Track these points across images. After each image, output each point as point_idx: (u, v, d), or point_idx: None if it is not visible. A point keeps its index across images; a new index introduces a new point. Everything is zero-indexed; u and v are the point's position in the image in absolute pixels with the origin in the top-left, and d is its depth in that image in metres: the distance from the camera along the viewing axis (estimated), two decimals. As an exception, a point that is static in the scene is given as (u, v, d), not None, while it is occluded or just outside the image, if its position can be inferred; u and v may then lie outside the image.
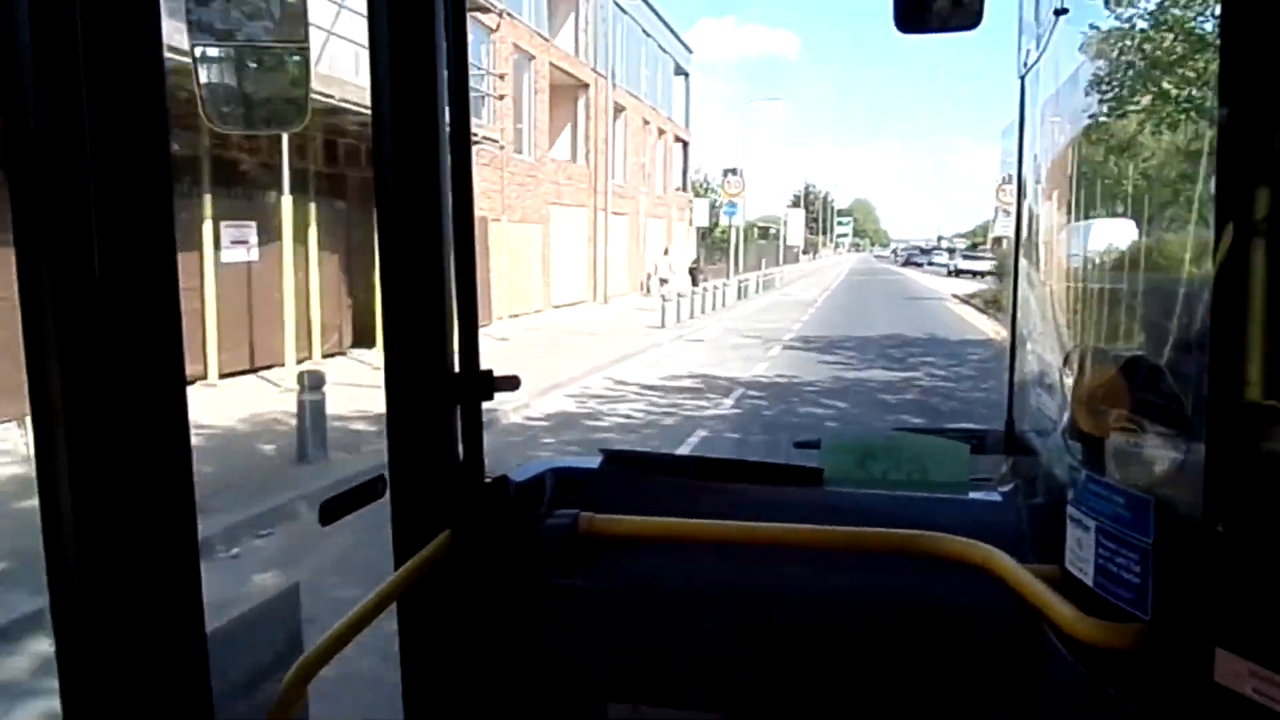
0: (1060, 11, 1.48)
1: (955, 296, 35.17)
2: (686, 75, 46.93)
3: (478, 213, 1.64)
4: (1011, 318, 1.94)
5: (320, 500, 1.48)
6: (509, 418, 10.59)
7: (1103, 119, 1.62)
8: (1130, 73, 1.55)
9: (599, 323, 23.71)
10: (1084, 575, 1.32)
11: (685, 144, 47.50)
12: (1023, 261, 1.93)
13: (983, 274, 50.31)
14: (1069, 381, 1.41)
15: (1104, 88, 1.57)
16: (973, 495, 1.87)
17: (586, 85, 30.26)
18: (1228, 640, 1.05)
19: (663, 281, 29.14)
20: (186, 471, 0.97)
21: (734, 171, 44.65)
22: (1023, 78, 1.80)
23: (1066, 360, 1.44)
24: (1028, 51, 1.74)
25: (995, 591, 1.52)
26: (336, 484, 1.56)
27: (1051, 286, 1.79)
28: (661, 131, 41.48)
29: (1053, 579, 1.39)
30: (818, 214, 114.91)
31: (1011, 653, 1.56)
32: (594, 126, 30.96)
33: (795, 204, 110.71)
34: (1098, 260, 1.59)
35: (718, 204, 48.11)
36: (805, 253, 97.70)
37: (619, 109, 33.37)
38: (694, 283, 32.21)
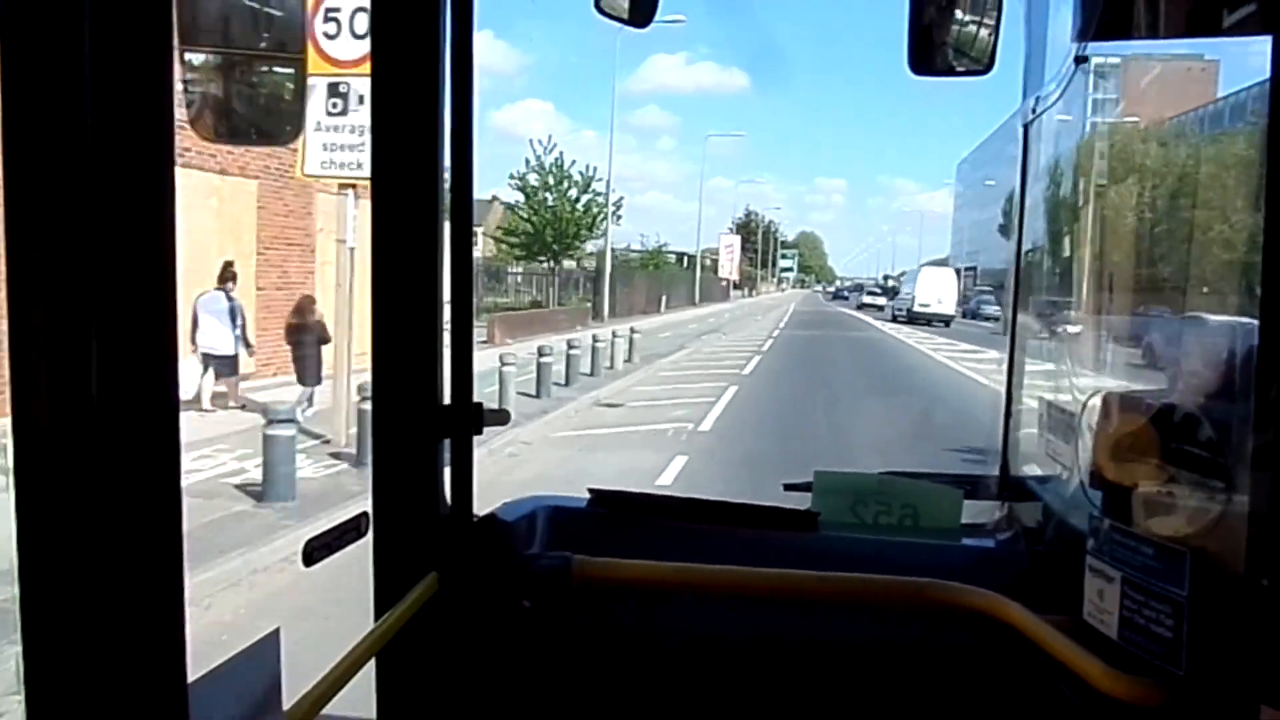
0: (1081, 59, 1.48)
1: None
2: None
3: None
4: (1009, 362, 1.93)
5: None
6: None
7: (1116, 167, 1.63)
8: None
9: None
10: (1105, 627, 1.29)
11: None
12: (1028, 305, 1.93)
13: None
14: (1089, 428, 1.40)
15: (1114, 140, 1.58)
16: (967, 541, 1.85)
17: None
18: (1275, 697, 1.03)
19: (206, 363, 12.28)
20: (176, 507, 0.88)
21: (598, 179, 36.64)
22: (1027, 125, 1.81)
23: (1085, 406, 1.42)
24: (1035, 99, 1.76)
25: (999, 641, 1.49)
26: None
27: (1066, 330, 1.79)
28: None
29: (1067, 629, 1.36)
30: (759, 246, 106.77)
31: (1020, 706, 1.52)
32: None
33: (734, 232, 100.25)
34: (1121, 303, 1.59)
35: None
36: (739, 288, 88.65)
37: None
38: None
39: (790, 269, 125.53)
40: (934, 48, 1.60)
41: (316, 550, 1.42)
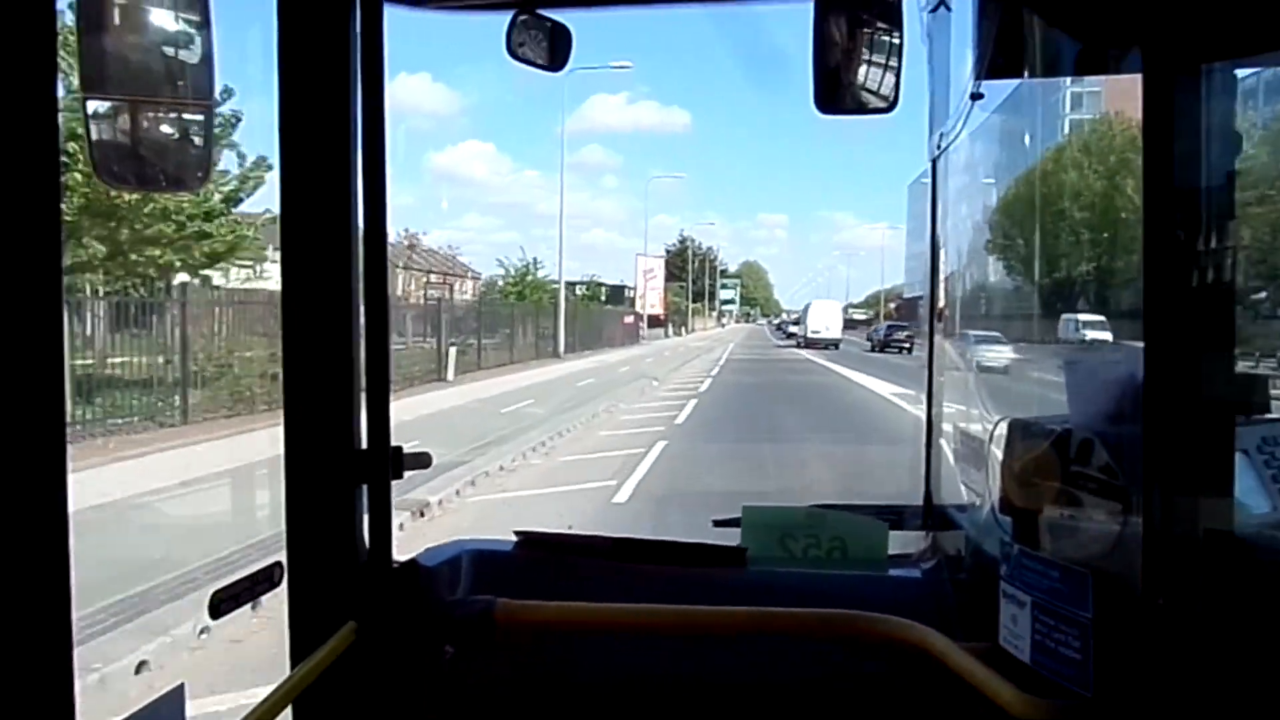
0: (976, 96, 1.53)
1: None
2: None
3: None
4: (928, 392, 1.96)
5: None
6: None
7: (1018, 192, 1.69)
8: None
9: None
10: (1019, 652, 1.30)
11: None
12: (939, 336, 1.97)
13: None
14: (997, 455, 1.42)
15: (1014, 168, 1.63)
16: (893, 572, 1.86)
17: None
18: (1176, 714, 1.05)
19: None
20: (63, 555, 0.84)
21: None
22: (934, 160, 1.86)
23: (993, 434, 1.45)
24: (940, 135, 1.81)
25: (926, 670, 1.49)
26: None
27: (975, 359, 1.83)
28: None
29: (985, 656, 1.37)
30: (698, 275, 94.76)
31: None
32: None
33: (669, 259, 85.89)
34: (1019, 334, 1.63)
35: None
36: (661, 324, 71.51)
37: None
38: None
39: (732, 301, 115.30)
40: (840, 88, 1.64)
41: (224, 602, 1.38)
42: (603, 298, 67.47)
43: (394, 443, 1.59)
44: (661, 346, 53.71)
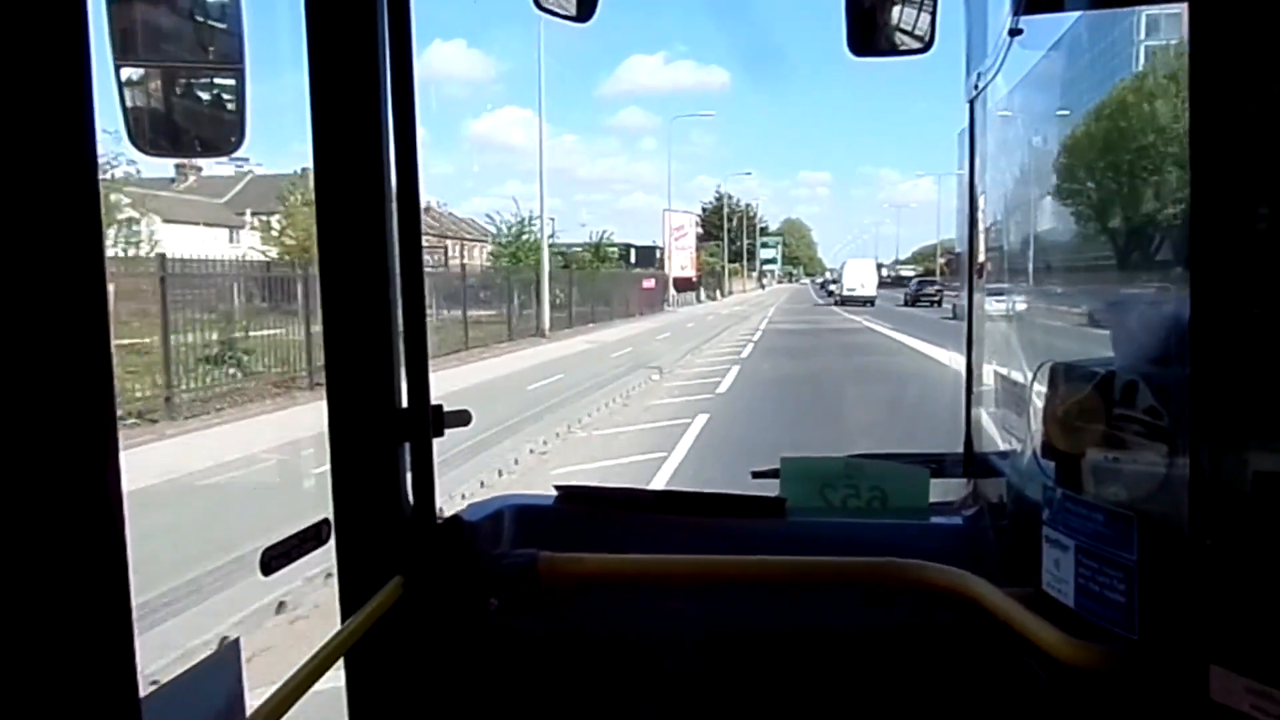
0: (1015, 32, 1.49)
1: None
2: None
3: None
4: (968, 338, 1.94)
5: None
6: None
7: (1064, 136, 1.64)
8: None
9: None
10: (1063, 596, 1.30)
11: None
12: (979, 281, 1.94)
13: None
14: (1039, 399, 1.40)
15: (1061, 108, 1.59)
16: (935, 519, 1.85)
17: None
18: (1223, 656, 1.03)
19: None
20: (118, 513, 0.87)
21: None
22: (971, 101, 1.81)
23: (1035, 377, 1.43)
24: (978, 75, 1.76)
25: (968, 616, 1.49)
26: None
27: (1016, 303, 1.80)
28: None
29: (1029, 601, 1.37)
30: (736, 234, 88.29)
31: (990, 678, 1.53)
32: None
33: (706, 218, 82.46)
34: (1067, 271, 1.59)
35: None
36: (691, 288, 62.82)
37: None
38: None
39: (774, 260, 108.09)
40: (874, 29, 1.61)
41: (275, 559, 1.41)
42: (631, 259, 61.15)
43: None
44: (686, 316, 44.74)
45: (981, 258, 2.01)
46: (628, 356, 22.67)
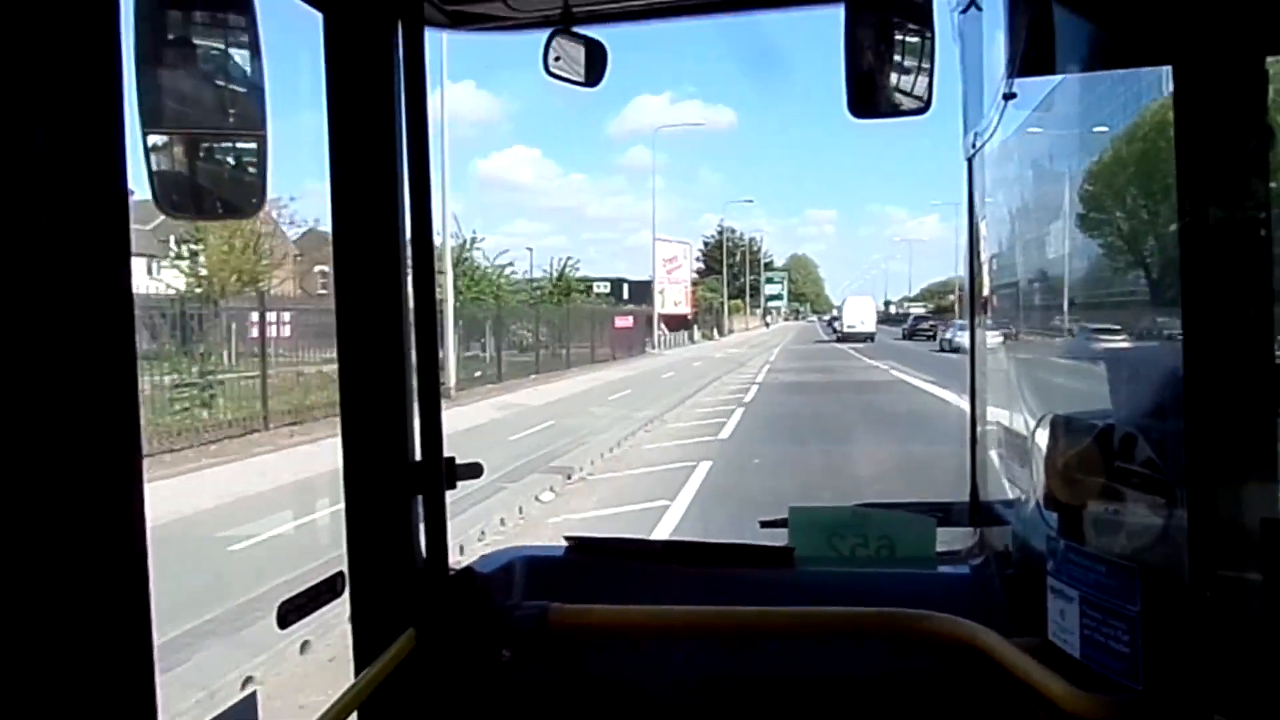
0: (1009, 96, 1.54)
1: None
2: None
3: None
4: (971, 387, 1.97)
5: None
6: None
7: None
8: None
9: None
10: (1069, 647, 1.31)
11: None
12: (980, 331, 1.97)
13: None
14: (1040, 451, 1.43)
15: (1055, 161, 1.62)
16: (942, 569, 1.87)
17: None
18: (1224, 707, 1.05)
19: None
20: (142, 561, 0.88)
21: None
22: (970, 159, 1.87)
23: (1036, 430, 1.46)
24: (974, 135, 1.81)
25: (976, 666, 1.50)
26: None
27: (1016, 356, 1.83)
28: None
29: (1036, 652, 1.38)
30: (740, 270, 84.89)
31: None
32: None
33: (709, 252, 78.91)
34: (1065, 330, 1.62)
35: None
36: (685, 327, 55.56)
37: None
38: None
39: (779, 296, 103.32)
40: (874, 91, 1.66)
41: (290, 613, 1.43)
42: (625, 294, 57.57)
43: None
44: (670, 362, 36.23)
45: (987, 293, 2.04)
46: (532, 442, 14.37)
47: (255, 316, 17.74)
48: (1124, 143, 1.59)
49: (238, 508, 10.02)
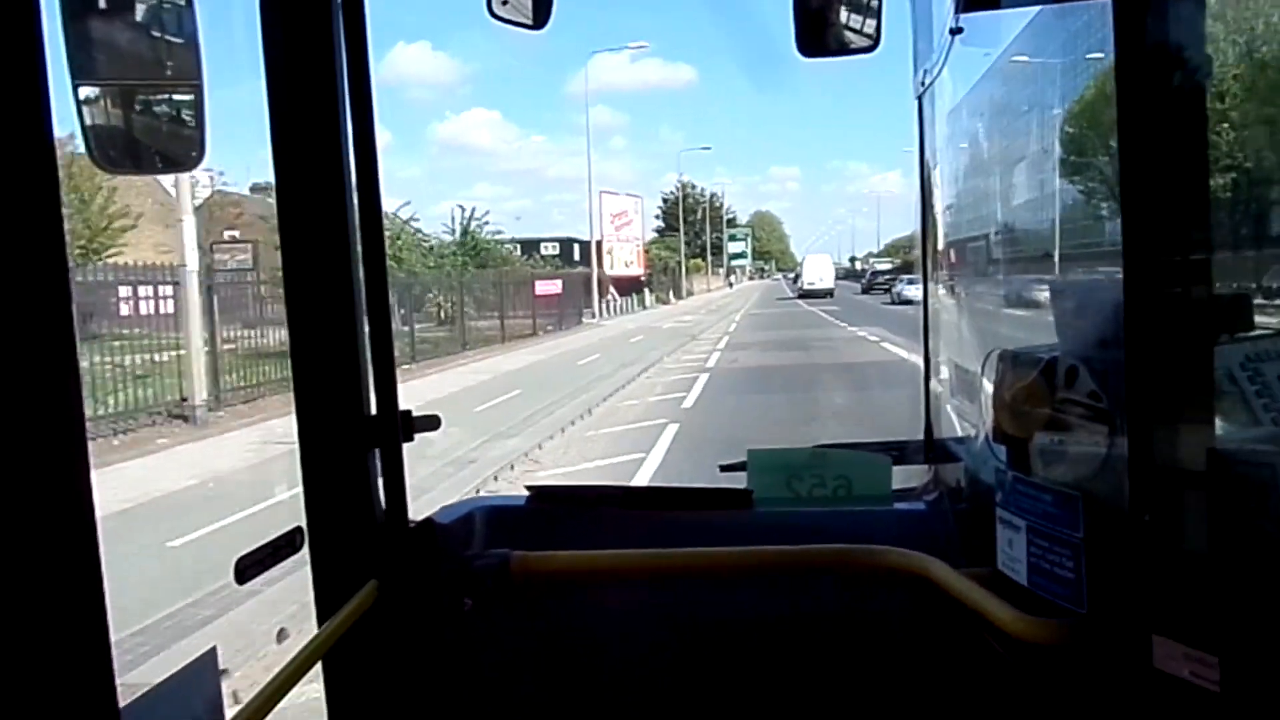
0: (956, 30, 1.54)
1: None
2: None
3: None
4: (924, 328, 1.99)
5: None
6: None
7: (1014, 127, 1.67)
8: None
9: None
10: (1017, 575, 1.35)
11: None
12: (934, 271, 1.99)
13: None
14: (989, 386, 1.45)
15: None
16: (898, 506, 1.90)
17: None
18: (1163, 626, 1.09)
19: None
20: (89, 515, 0.87)
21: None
22: (919, 97, 1.86)
23: (985, 365, 1.48)
24: (924, 72, 1.81)
25: (930, 598, 1.54)
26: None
27: (964, 293, 1.84)
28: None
29: (986, 581, 1.42)
30: (701, 227, 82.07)
31: (952, 656, 1.58)
32: None
33: (668, 209, 76.99)
34: (1013, 263, 1.63)
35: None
36: (637, 290, 49.40)
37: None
38: None
39: (743, 255, 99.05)
40: (823, 29, 1.65)
41: (249, 568, 1.43)
42: (575, 256, 52.60)
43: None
44: (604, 336, 29.78)
45: (942, 246, 2.06)
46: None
47: (125, 291, 16.59)
48: (1067, 78, 1.59)
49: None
